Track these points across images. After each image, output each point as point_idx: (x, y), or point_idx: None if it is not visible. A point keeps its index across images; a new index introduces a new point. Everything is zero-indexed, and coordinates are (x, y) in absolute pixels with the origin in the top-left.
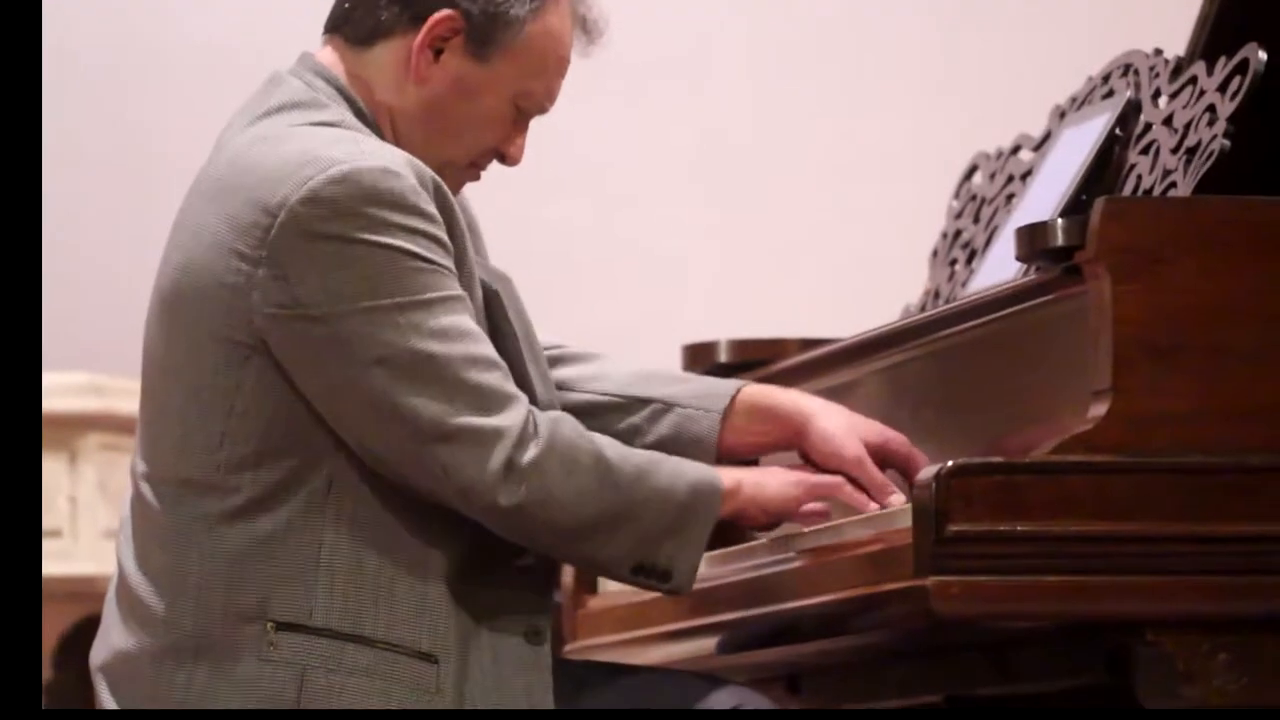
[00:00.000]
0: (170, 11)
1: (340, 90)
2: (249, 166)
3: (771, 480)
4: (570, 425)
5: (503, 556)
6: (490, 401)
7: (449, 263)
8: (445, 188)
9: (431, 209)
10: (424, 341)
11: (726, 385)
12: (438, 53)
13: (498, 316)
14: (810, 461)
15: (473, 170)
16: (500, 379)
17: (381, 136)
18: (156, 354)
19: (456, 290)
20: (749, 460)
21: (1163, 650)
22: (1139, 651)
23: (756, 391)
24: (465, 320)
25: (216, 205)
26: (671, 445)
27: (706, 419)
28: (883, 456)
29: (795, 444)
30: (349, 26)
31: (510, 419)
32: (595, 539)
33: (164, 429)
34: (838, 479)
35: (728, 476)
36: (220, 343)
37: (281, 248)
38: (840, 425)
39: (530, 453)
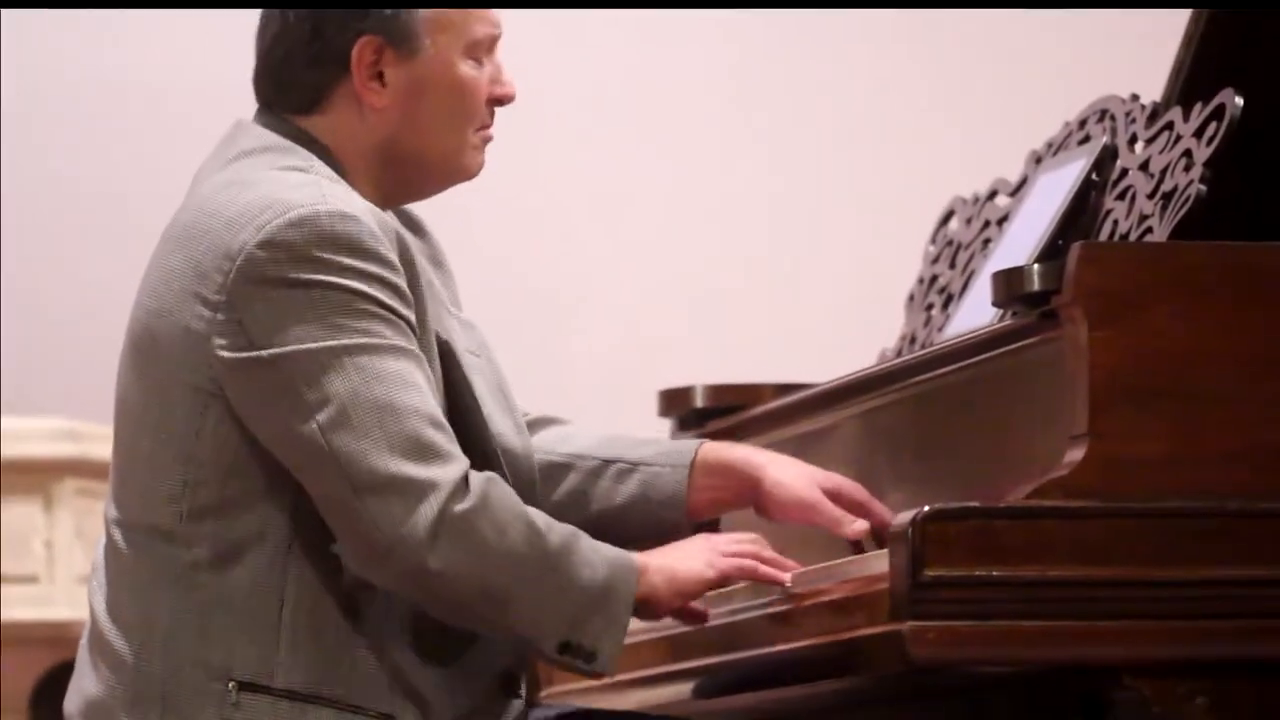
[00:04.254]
0: (133, 58)
1: (301, 138)
2: (215, 211)
3: (681, 565)
4: (502, 489)
5: None
6: (428, 454)
7: (407, 312)
8: (406, 239)
9: (391, 256)
10: (368, 386)
11: (687, 444)
12: (379, 77)
13: (450, 368)
14: (767, 513)
15: (483, 133)
16: (442, 438)
17: (349, 180)
18: (127, 398)
19: (409, 344)
20: (713, 521)
21: (1139, 695)
22: (1116, 696)
23: (711, 449)
24: (414, 372)
25: (183, 250)
26: (642, 504)
27: (674, 475)
28: (838, 504)
29: (752, 497)
30: (282, 103)
31: (445, 474)
32: (523, 608)
33: (132, 474)
34: (751, 562)
35: (639, 558)
36: (183, 388)
37: (238, 292)
38: (792, 474)
39: (461, 506)
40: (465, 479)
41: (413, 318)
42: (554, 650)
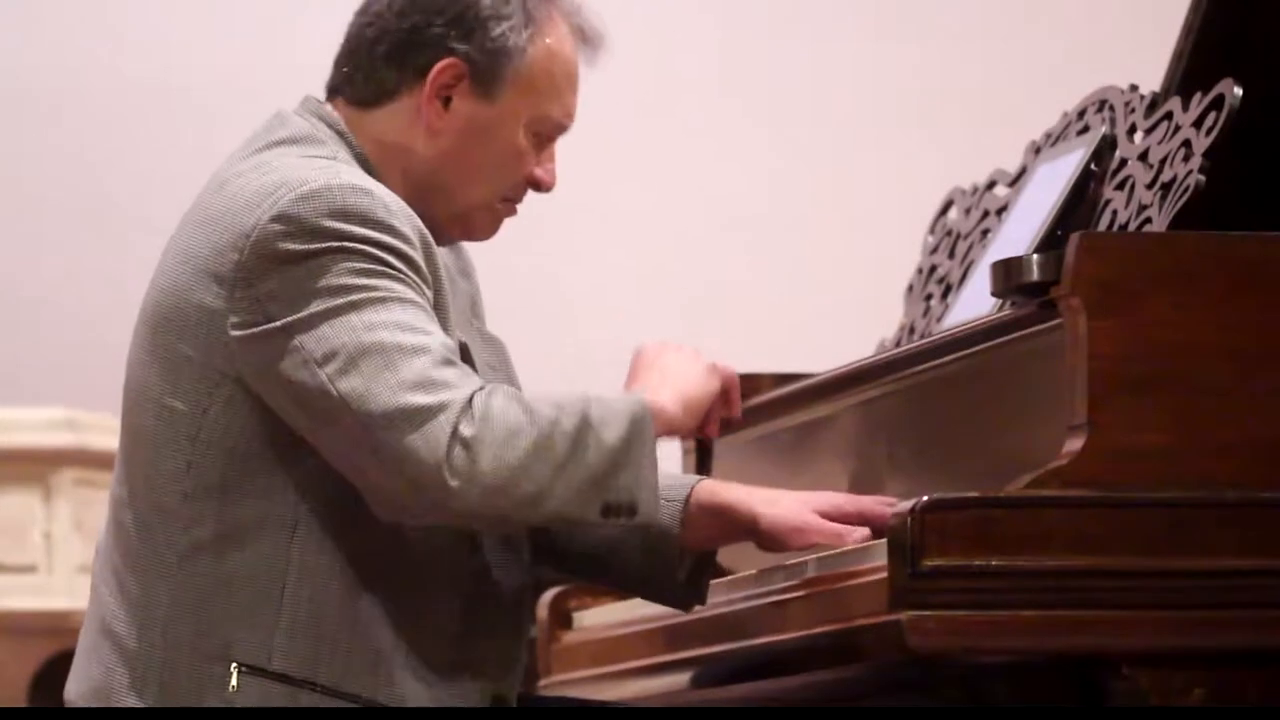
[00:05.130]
0: (127, 50)
1: (341, 134)
2: (234, 193)
3: (689, 386)
4: (504, 398)
5: (472, 616)
6: (435, 387)
7: (419, 280)
8: (431, 239)
9: (404, 229)
10: (373, 333)
11: (683, 480)
12: (446, 101)
13: None
14: (769, 550)
15: (507, 205)
16: (450, 372)
17: (381, 183)
18: (136, 375)
19: (418, 298)
20: (709, 552)
21: (1137, 685)
22: (1114, 686)
23: (707, 488)
24: (421, 318)
25: (202, 231)
26: (635, 537)
27: (668, 510)
28: (838, 520)
29: (748, 537)
30: (350, 89)
31: (453, 397)
32: (558, 497)
33: (138, 451)
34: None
35: (647, 395)
36: (193, 365)
37: (252, 268)
38: (785, 508)
39: (469, 431)
40: (470, 401)
41: (427, 291)
42: (599, 516)
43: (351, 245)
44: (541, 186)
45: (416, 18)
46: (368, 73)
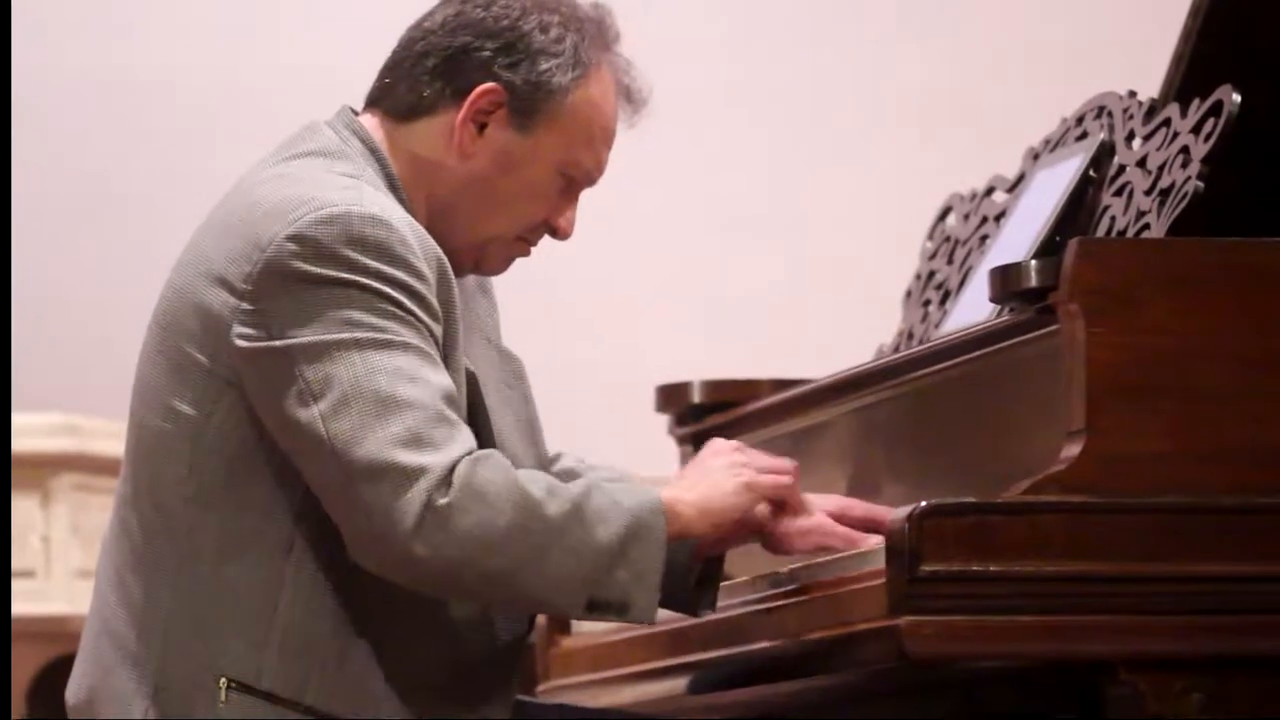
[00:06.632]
0: (133, 52)
1: (373, 151)
2: (254, 203)
3: (715, 494)
4: (491, 470)
5: (465, 643)
6: (422, 444)
7: (428, 319)
8: (448, 266)
9: (420, 265)
10: (371, 377)
11: None
12: (481, 126)
13: (475, 401)
14: (780, 551)
15: (521, 244)
16: (440, 431)
17: (406, 204)
18: (145, 373)
19: (423, 345)
20: (718, 557)
21: (1135, 690)
22: (1112, 691)
23: None
24: (421, 368)
25: (220, 237)
26: None
27: None
28: (846, 524)
29: (759, 538)
30: (389, 100)
31: (436, 461)
32: (531, 582)
33: (143, 450)
34: (785, 478)
35: (666, 494)
36: (199, 369)
37: (262, 282)
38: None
39: (444, 499)
40: (453, 468)
41: (436, 329)
42: (582, 611)
43: (364, 280)
44: (559, 234)
45: (467, 38)
46: (409, 85)
